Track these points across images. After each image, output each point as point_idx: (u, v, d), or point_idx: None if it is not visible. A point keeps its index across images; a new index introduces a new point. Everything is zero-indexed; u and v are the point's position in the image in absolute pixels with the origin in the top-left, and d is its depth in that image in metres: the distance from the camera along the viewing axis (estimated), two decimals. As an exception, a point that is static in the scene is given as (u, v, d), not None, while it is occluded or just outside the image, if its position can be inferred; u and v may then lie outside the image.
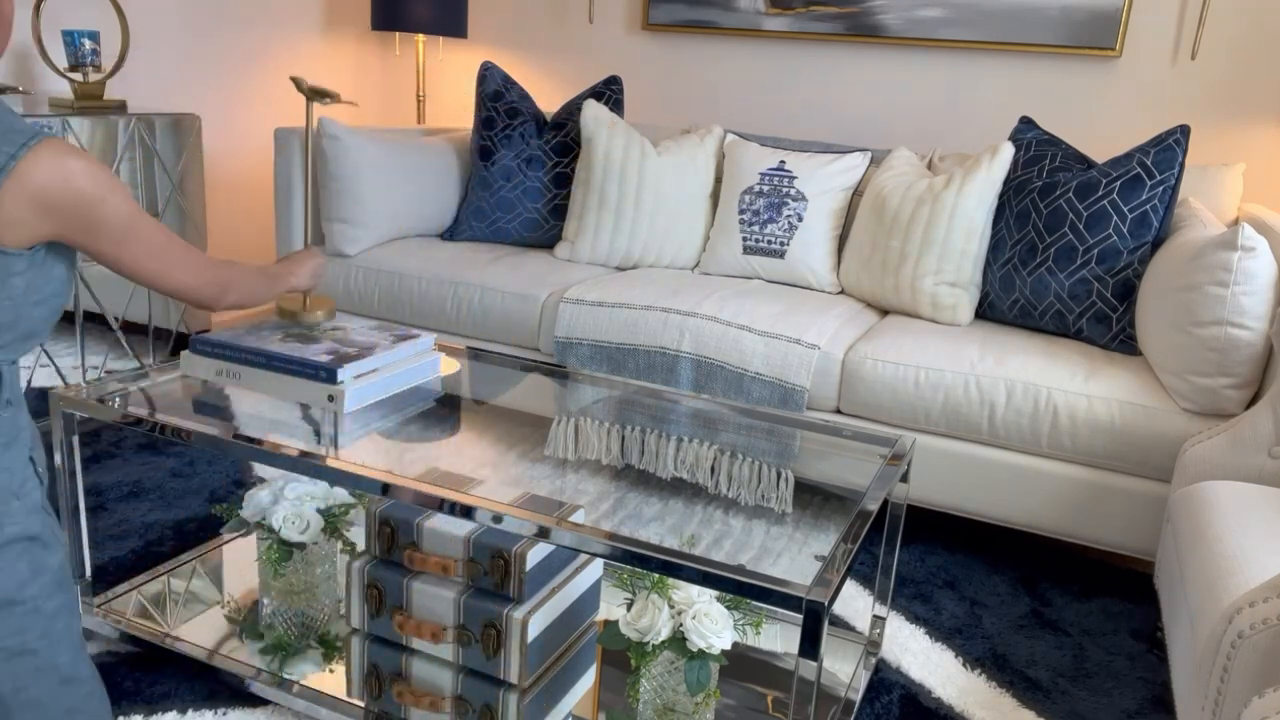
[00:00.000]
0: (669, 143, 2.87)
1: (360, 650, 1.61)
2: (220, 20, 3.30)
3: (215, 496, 2.26)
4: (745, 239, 2.73)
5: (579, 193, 2.86)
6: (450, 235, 3.03)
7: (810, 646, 1.13)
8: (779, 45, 3.24)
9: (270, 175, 3.62)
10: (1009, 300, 2.42)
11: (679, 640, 1.45)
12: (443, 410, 1.79)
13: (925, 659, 1.83)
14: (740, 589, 1.16)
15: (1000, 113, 3.01)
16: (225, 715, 1.53)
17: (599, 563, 1.68)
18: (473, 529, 1.52)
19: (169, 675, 1.62)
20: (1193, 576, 1.45)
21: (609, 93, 3.03)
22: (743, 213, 2.74)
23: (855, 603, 2.02)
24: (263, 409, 1.68)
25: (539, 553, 1.51)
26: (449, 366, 1.96)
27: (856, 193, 2.78)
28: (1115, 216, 2.27)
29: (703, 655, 1.45)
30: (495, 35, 3.68)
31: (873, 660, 1.78)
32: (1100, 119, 2.89)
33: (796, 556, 1.70)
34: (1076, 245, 2.30)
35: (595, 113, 2.84)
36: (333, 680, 1.57)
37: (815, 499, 1.69)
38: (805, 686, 1.15)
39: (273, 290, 1.43)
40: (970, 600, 2.06)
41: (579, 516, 1.56)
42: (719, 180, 2.90)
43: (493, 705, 1.50)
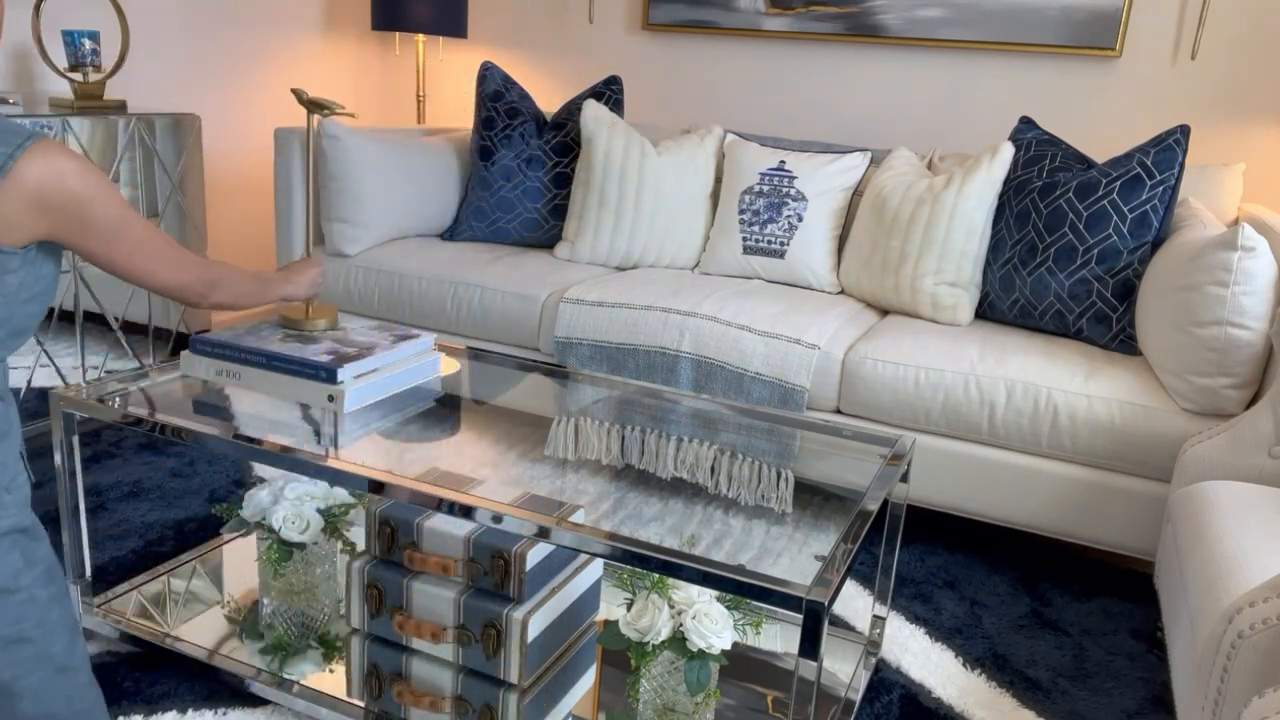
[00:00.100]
0: (669, 143, 2.87)
1: (360, 650, 1.61)
2: (220, 20, 3.30)
3: (215, 496, 2.26)
4: (745, 239, 2.73)
5: (579, 193, 2.86)
6: (450, 235, 3.03)
7: (810, 646, 1.13)
8: (779, 45, 3.24)
9: (270, 175, 3.62)
10: (1009, 300, 2.42)
11: (679, 640, 1.45)
12: (443, 410, 1.79)
13: (925, 659, 1.83)
14: (740, 589, 1.16)
15: (1000, 113, 3.01)
16: (225, 715, 1.53)
17: (599, 563, 1.68)
18: (473, 529, 1.52)
19: (169, 675, 1.62)
20: (1193, 576, 1.45)
21: (609, 93, 3.03)
22: (743, 213, 2.74)
23: (855, 603, 2.02)
24: (263, 409, 1.68)
25: (539, 553, 1.51)
26: (449, 366, 1.96)
27: (856, 193, 2.78)
28: (1115, 216, 2.27)
29: (703, 655, 1.45)
30: (495, 35, 3.68)
31: (873, 660, 1.78)
32: (1100, 119, 2.90)
33: (796, 556, 1.70)
34: (1076, 245, 2.30)
35: (595, 113, 2.84)
36: (333, 680, 1.57)
37: (815, 499, 1.69)
38: (805, 686, 1.15)
39: (265, 294, 1.43)
40: (970, 600, 2.06)
41: (579, 516, 1.56)
42: (719, 180, 2.90)
43: (493, 705, 1.50)
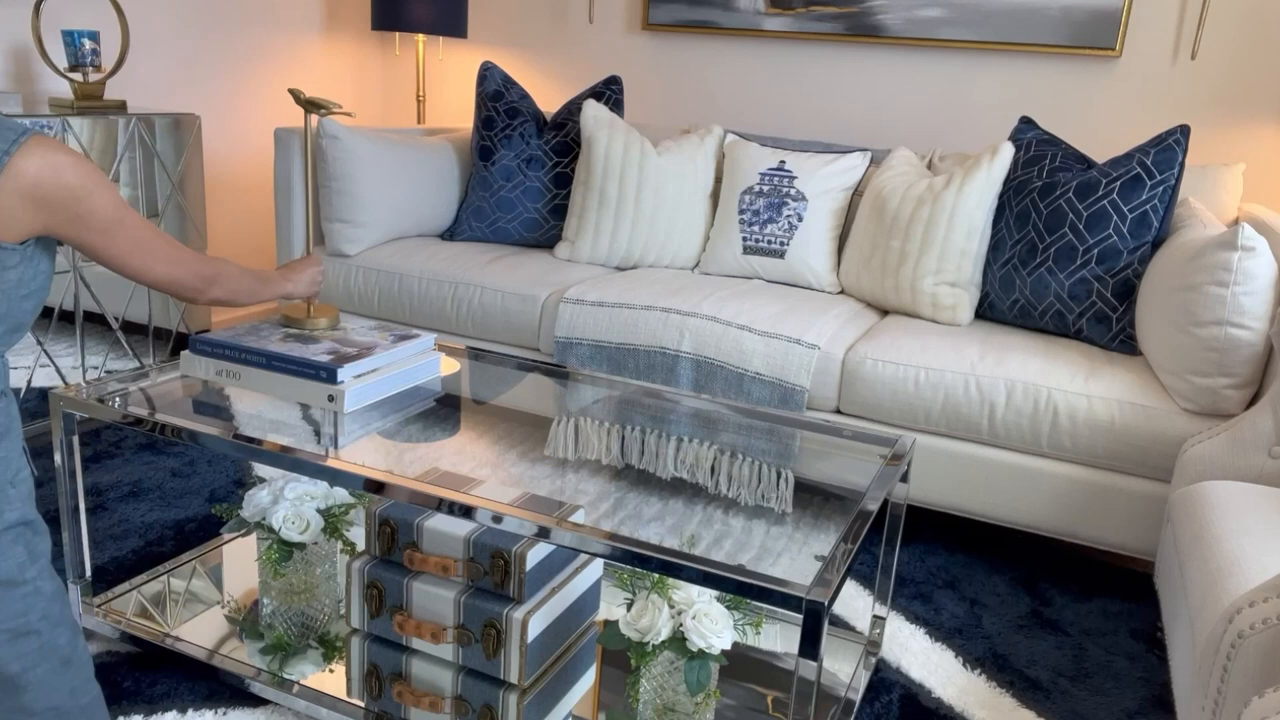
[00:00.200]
0: (669, 143, 2.87)
1: (360, 650, 1.61)
2: (220, 20, 3.30)
3: (215, 496, 2.26)
4: (745, 239, 2.73)
5: (579, 193, 2.86)
6: (450, 235, 3.03)
7: (810, 646, 1.13)
8: (779, 45, 3.24)
9: (270, 175, 3.62)
10: (1009, 300, 2.42)
11: (679, 640, 1.45)
12: (443, 410, 1.79)
13: (925, 659, 1.83)
14: (740, 589, 1.16)
15: (1000, 113, 3.01)
16: (225, 715, 1.53)
17: (599, 563, 1.68)
18: (473, 529, 1.52)
19: (169, 675, 1.62)
20: (1193, 576, 1.45)
21: (609, 93, 3.03)
22: (743, 213, 2.74)
23: (855, 603, 2.02)
24: (263, 409, 1.68)
25: (539, 553, 1.51)
26: (449, 366, 1.96)
27: (856, 193, 2.78)
28: (1115, 216, 2.27)
29: (703, 655, 1.45)
30: (495, 35, 3.68)
31: (873, 660, 1.78)
32: (1100, 119, 2.89)
33: (796, 556, 1.70)
34: (1076, 245, 2.30)
35: (595, 113, 2.84)
36: (333, 680, 1.57)
37: (815, 499, 1.69)
38: (805, 686, 1.15)
39: (264, 291, 1.43)
40: (970, 600, 2.06)
41: (579, 516, 1.56)
42: (719, 180, 2.90)
43: (493, 705, 1.50)
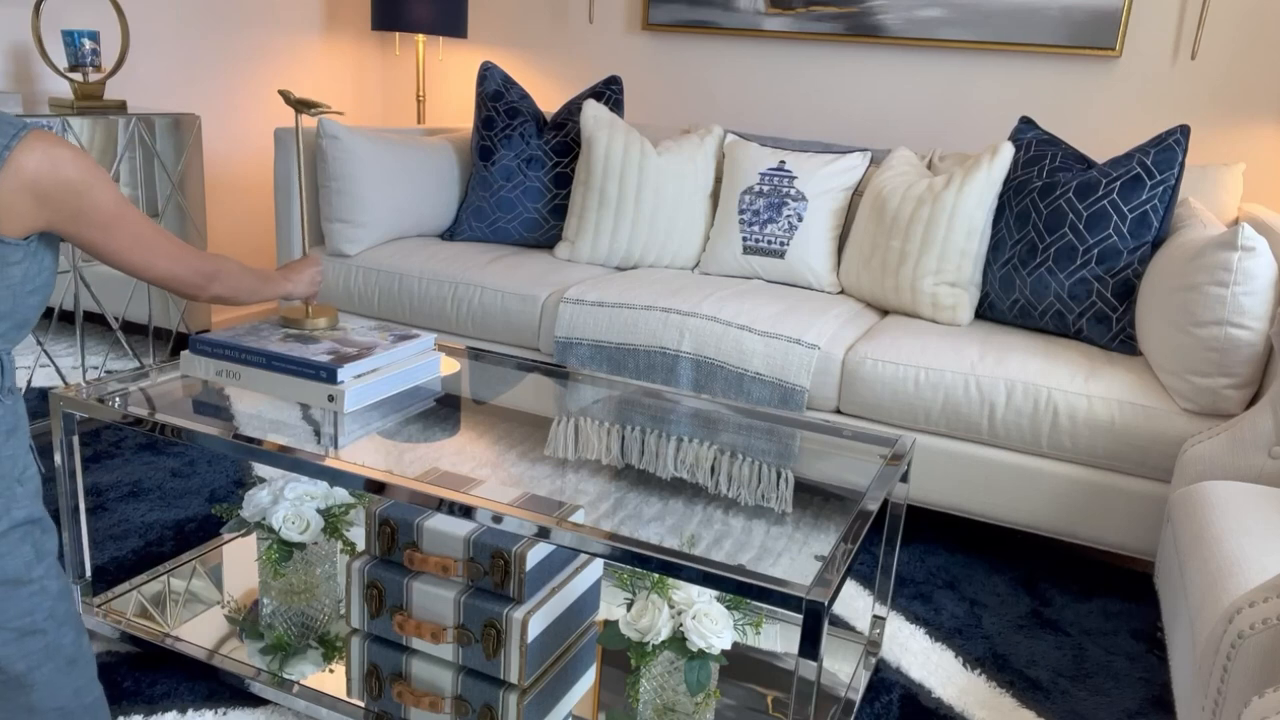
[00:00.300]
0: (669, 143, 2.87)
1: (360, 650, 1.61)
2: (220, 20, 3.30)
3: (215, 496, 2.26)
4: (745, 239, 2.73)
5: (579, 193, 2.86)
6: (450, 235, 3.03)
7: (810, 646, 1.13)
8: (779, 45, 3.24)
9: (270, 175, 3.62)
10: (1009, 300, 2.42)
11: (679, 640, 1.45)
12: (443, 410, 1.79)
13: (925, 659, 1.83)
14: (740, 589, 1.16)
15: (1000, 113, 3.01)
16: (225, 715, 1.53)
17: (599, 563, 1.68)
18: (473, 529, 1.52)
19: (169, 675, 1.62)
20: (1193, 576, 1.45)
21: (609, 93, 3.03)
22: (743, 213, 2.74)
23: (855, 603, 2.02)
24: (263, 409, 1.68)
25: (539, 553, 1.51)
26: (449, 366, 1.96)
27: (856, 193, 2.78)
28: (1115, 216, 2.27)
29: (703, 655, 1.45)
30: (495, 35, 3.68)
31: (873, 660, 1.78)
32: (1100, 119, 2.89)
33: (796, 556, 1.71)
34: (1076, 245, 2.30)
35: (595, 113, 2.84)
36: (333, 680, 1.57)
37: (815, 499, 1.69)
38: (805, 686, 1.15)
39: (264, 290, 1.43)
40: (970, 600, 2.06)
41: (579, 516, 1.56)
42: (719, 180, 2.90)
43: (493, 705, 1.50)
